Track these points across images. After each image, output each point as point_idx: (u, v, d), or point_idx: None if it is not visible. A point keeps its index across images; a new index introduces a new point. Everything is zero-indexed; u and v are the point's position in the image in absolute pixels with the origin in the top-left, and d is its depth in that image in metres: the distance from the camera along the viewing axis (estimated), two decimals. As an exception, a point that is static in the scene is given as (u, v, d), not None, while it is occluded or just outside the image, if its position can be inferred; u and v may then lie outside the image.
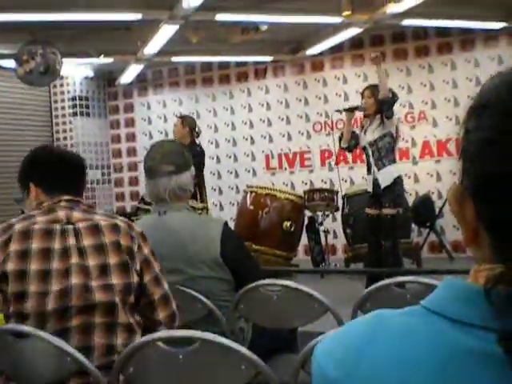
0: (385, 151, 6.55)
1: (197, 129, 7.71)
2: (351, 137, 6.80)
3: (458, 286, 0.79)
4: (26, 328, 2.21)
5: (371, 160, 6.63)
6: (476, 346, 0.72)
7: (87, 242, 2.38)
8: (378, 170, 6.56)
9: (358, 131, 6.96)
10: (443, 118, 9.42)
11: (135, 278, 2.41)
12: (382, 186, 6.53)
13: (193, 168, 3.19)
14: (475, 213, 0.77)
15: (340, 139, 6.96)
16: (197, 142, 7.68)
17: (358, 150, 7.37)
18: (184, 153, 3.16)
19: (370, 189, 6.71)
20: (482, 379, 0.71)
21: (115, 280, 2.36)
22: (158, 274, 2.52)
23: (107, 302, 2.33)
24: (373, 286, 2.84)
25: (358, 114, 7.40)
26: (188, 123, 7.71)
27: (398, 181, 6.56)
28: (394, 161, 6.63)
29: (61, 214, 2.43)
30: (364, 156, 6.94)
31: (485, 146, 0.75)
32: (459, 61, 9.41)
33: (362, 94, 6.81)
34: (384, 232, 6.54)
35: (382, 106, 6.54)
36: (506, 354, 0.68)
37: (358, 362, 0.80)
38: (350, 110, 6.85)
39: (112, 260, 2.37)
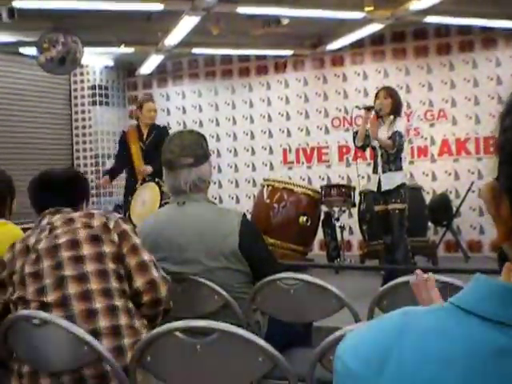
0: (393, 157, 6.59)
1: None
2: (366, 135, 6.81)
3: (489, 284, 0.78)
4: (44, 315, 2.22)
5: (379, 161, 6.67)
6: (510, 345, 0.72)
7: (63, 232, 2.60)
8: (383, 172, 6.60)
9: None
10: (463, 117, 9.36)
11: (110, 247, 2.58)
12: (384, 189, 6.58)
13: (211, 158, 3.19)
14: (511, 211, 0.77)
15: (354, 137, 6.97)
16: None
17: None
18: (202, 144, 3.16)
19: (374, 188, 6.76)
20: None
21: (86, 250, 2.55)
22: (136, 245, 2.63)
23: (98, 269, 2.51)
24: (390, 283, 2.83)
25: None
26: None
27: (401, 185, 6.61)
28: (400, 168, 6.67)
29: (43, 221, 2.74)
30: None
31: None
32: (480, 59, 9.34)
33: (377, 94, 6.79)
34: (393, 226, 6.57)
35: (397, 106, 6.63)
36: None
37: (386, 360, 0.79)
38: (368, 109, 6.83)
39: (84, 236, 2.58)
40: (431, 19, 8.32)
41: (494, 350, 0.72)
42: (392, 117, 6.61)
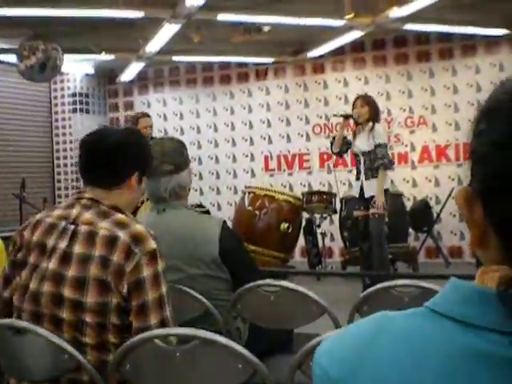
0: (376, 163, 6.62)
1: None
2: (343, 142, 6.87)
3: (464, 288, 0.78)
4: (23, 323, 2.20)
5: (361, 167, 6.73)
6: (484, 348, 0.72)
7: (78, 249, 2.23)
8: (366, 179, 6.65)
9: (350, 137, 7.03)
10: (443, 124, 9.43)
11: (117, 299, 2.19)
12: (367, 196, 6.62)
13: (191, 165, 3.19)
14: (484, 214, 0.77)
15: (331, 144, 7.03)
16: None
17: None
18: (183, 151, 3.16)
19: (356, 194, 6.80)
20: (490, 381, 0.71)
21: (89, 298, 2.18)
22: (145, 303, 2.21)
23: (74, 320, 2.20)
24: (370, 289, 2.84)
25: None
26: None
27: (385, 193, 6.65)
28: None
29: (74, 212, 2.33)
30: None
31: (496, 148, 0.75)
32: (460, 66, 9.42)
33: (354, 103, 6.87)
34: (371, 231, 6.61)
35: (375, 114, 6.72)
36: None
37: (361, 362, 0.79)
38: (346, 117, 6.93)
39: (92, 275, 2.19)
40: (411, 27, 8.38)
41: (467, 352, 0.73)
42: (371, 123, 6.67)
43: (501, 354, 0.71)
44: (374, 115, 6.71)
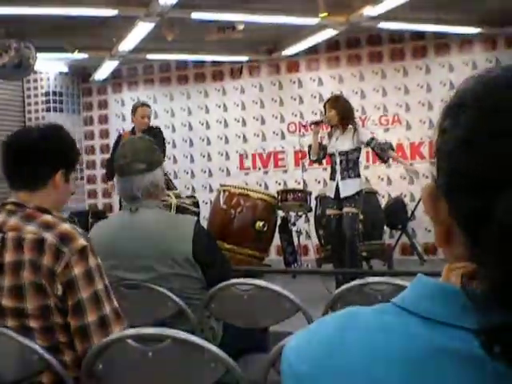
0: (352, 164, 6.72)
1: None
2: (319, 148, 6.90)
3: (430, 284, 0.79)
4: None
5: (337, 168, 6.74)
6: (448, 345, 0.73)
7: (9, 257, 2.17)
8: (342, 179, 6.67)
9: (326, 138, 7.06)
10: (417, 122, 9.48)
11: (54, 301, 2.15)
12: (342, 196, 6.64)
13: (164, 164, 3.18)
14: (448, 211, 0.78)
15: (309, 152, 7.07)
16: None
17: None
18: (155, 150, 3.15)
19: (331, 194, 6.81)
20: (454, 377, 0.71)
21: (29, 303, 2.14)
22: (80, 302, 2.16)
23: (19, 326, 2.15)
24: (344, 287, 2.84)
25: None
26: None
27: (359, 193, 6.70)
28: (358, 175, 6.79)
29: (0, 219, 2.26)
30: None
31: (460, 145, 0.76)
32: (434, 65, 9.47)
33: (324, 106, 6.92)
34: (344, 229, 6.63)
35: (343, 116, 6.72)
36: (483, 350, 0.68)
37: (328, 357, 0.80)
38: (316, 124, 6.98)
39: (27, 281, 2.13)
40: (385, 25, 8.42)
41: (431, 349, 0.73)
42: (350, 126, 6.69)
43: (465, 350, 0.71)
44: (343, 116, 6.71)
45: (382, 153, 6.63)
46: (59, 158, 2.40)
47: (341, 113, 6.70)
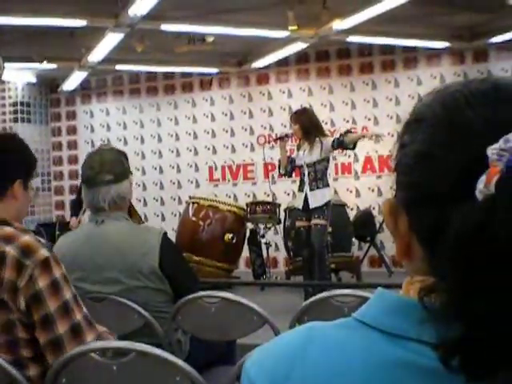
0: (320, 174, 6.77)
1: None
2: (287, 162, 6.95)
3: (389, 299, 0.79)
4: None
5: (305, 179, 6.79)
6: (406, 358, 0.73)
7: None
8: (311, 190, 6.71)
9: (295, 150, 7.13)
10: (385, 135, 9.53)
11: (17, 315, 2.09)
12: (311, 206, 6.66)
13: (131, 176, 3.16)
14: (408, 225, 0.79)
15: (279, 166, 7.12)
16: None
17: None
18: (123, 161, 3.12)
19: (300, 206, 6.85)
20: None
21: None
22: (48, 314, 2.10)
23: None
24: (311, 299, 2.85)
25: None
26: None
27: (328, 203, 6.73)
28: (327, 184, 6.83)
29: None
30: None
31: (419, 159, 0.77)
32: (402, 78, 9.56)
33: (290, 120, 7.01)
34: (313, 241, 6.65)
35: (307, 130, 6.77)
36: (441, 363, 0.68)
37: (288, 374, 0.79)
38: (281, 139, 7.06)
39: None
40: (354, 39, 8.48)
41: (390, 362, 0.73)
42: (317, 139, 6.72)
43: (425, 364, 0.71)
44: (309, 131, 6.76)
45: (345, 144, 6.66)
46: (16, 168, 2.35)
47: (304, 127, 6.75)
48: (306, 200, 6.75)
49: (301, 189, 6.86)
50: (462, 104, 0.77)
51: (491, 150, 0.69)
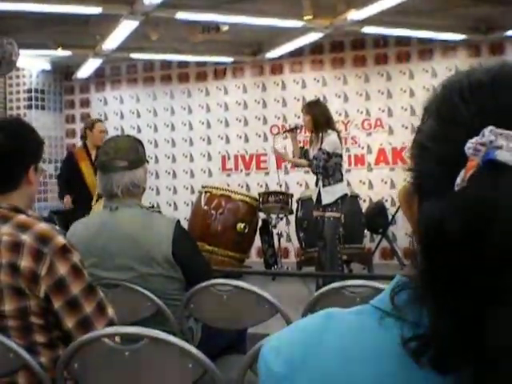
0: (332, 170, 6.65)
1: None
2: (301, 153, 6.93)
3: (403, 284, 0.80)
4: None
5: (318, 175, 6.72)
6: None
7: None
8: (323, 186, 6.67)
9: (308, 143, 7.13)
10: (399, 127, 9.51)
11: (35, 302, 2.12)
12: (323, 203, 6.63)
13: (146, 164, 3.16)
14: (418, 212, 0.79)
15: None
16: None
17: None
18: (138, 149, 3.12)
19: (314, 199, 6.84)
20: (425, 372, 0.71)
21: (7, 306, 2.11)
22: (74, 298, 2.16)
23: None
24: (323, 289, 2.84)
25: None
26: None
27: (342, 197, 6.70)
28: (341, 180, 6.76)
29: None
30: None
31: (420, 149, 0.78)
32: (417, 70, 9.51)
33: (302, 111, 6.93)
34: (326, 233, 6.64)
35: (317, 123, 6.68)
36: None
37: (305, 358, 0.80)
38: (291, 131, 7.07)
39: (4, 283, 2.10)
40: (369, 30, 8.43)
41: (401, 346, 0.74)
42: (320, 134, 6.65)
43: None
44: (321, 123, 6.65)
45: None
46: (30, 154, 2.34)
47: (315, 119, 6.65)
48: (318, 195, 6.73)
49: (316, 183, 6.83)
50: (456, 96, 0.76)
51: (469, 144, 0.69)
